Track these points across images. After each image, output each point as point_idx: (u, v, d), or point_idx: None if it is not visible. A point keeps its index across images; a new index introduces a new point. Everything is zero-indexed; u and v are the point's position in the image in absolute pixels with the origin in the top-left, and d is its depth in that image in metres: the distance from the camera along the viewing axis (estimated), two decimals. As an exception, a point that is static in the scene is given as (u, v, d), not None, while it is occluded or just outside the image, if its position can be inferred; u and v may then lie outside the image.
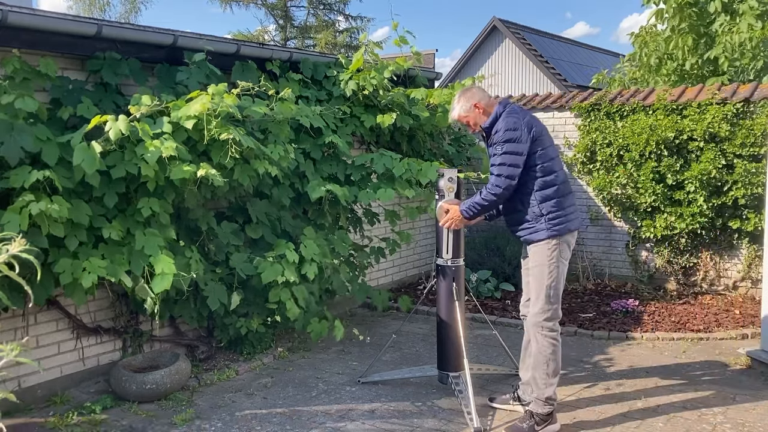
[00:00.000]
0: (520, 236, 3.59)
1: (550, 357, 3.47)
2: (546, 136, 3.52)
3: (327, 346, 5.08)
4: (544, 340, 3.47)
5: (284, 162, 4.31)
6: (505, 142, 3.40)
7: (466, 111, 3.60)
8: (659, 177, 6.39)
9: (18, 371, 3.80)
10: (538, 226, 3.46)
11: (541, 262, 3.47)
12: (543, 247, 3.46)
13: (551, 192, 3.46)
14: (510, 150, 3.39)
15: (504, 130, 3.42)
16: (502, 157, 3.41)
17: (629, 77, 10.30)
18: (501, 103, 3.57)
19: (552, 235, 3.43)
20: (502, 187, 3.41)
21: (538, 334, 3.48)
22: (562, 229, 3.45)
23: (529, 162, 3.42)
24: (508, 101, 3.59)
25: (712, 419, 3.67)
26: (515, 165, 3.39)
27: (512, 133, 3.40)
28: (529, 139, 3.40)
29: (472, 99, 3.59)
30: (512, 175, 3.40)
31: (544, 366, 3.47)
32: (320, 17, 21.59)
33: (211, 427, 3.64)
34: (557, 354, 3.50)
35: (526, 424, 3.48)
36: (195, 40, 4.55)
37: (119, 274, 3.57)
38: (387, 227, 6.55)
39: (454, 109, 3.66)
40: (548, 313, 3.47)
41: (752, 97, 6.13)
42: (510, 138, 3.39)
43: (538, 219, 3.45)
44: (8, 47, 3.66)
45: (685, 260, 6.50)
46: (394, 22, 5.83)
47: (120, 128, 3.41)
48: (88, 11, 21.61)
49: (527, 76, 18.40)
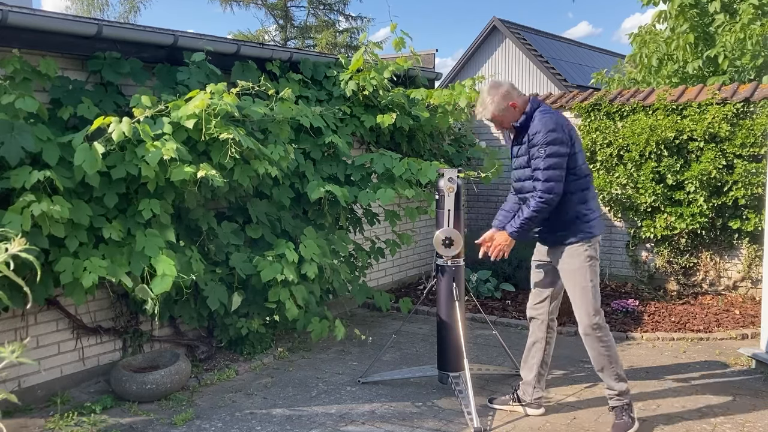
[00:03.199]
0: (551, 240, 3.50)
1: (612, 355, 3.46)
2: (577, 137, 3.43)
3: (327, 346, 5.08)
4: (598, 343, 3.44)
5: (284, 162, 4.31)
6: (548, 144, 3.24)
7: (502, 111, 3.43)
8: (659, 177, 6.39)
9: (18, 371, 3.80)
10: (576, 228, 3.40)
11: (580, 264, 3.41)
12: (579, 249, 3.41)
13: (587, 195, 3.41)
14: (553, 152, 3.25)
15: (546, 132, 3.26)
16: (547, 160, 3.24)
17: (628, 77, 10.30)
18: (531, 100, 3.43)
19: (587, 237, 3.41)
20: (553, 193, 3.27)
21: (594, 341, 3.44)
22: (596, 231, 3.44)
23: (569, 164, 3.31)
24: (536, 98, 3.47)
25: (712, 419, 3.67)
26: (561, 168, 3.26)
27: (554, 134, 3.25)
28: (567, 139, 3.30)
29: (508, 98, 3.40)
30: (560, 178, 3.26)
31: (610, 365, 3.46)
32: (320, 17, 21.59)
33: (211, 427, 3.64)
34: (612, 348, 3.46)
35: (624, 420, 3.46)
36: (195, 40, 4.55)
37: (119, 274, 3.57)
38: (387, 228, 6.55)
39: (486, 107, 3.44)
40: (597, 315, 3.44)
41: (752, 97, 6.13)
42: (554, 139, 3.25)
43: (575, 222, 3.39)
44: (8, 47, 3.66)
45: (685, 260, 6.50)
46: (393, 24, 5.83)
47: (123, 130, 3.41)
48: (87, 11, 21.59)
49: (527, 76, 18.40)
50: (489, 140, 7.58)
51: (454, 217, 3.92)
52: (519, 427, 3.60)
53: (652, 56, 9.60)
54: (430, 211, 5.30)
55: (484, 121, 3.68)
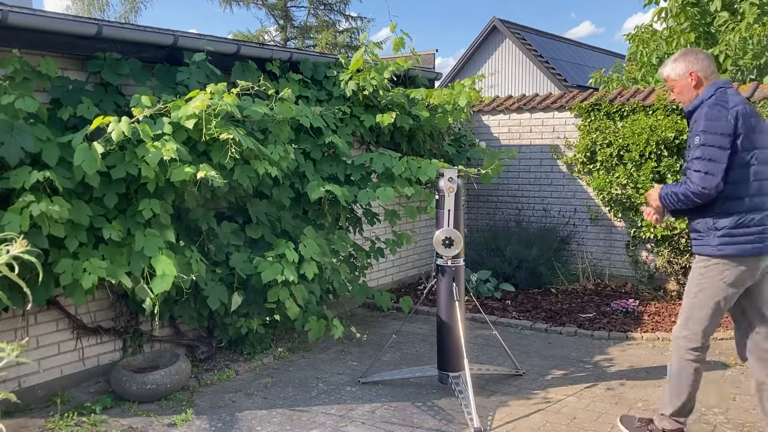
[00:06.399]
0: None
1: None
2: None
3: (327, 346, 5.08)
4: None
5: (284, 162, 4.31)
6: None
7: (677, 76, 3.23)
8: (659, 177, 6.38)
9: (18, 371, 3.80)
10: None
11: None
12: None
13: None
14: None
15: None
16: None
17: (627, 77, 10.29)
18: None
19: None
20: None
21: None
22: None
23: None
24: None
25: (712, 419, 3.67)
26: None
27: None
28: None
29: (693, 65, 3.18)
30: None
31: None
32: (320, 17, 21.57)
33: (211, 427, 3.64)
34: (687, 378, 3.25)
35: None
36: (195, 40, 4.55)
37: (119, 275, 3.57)
38: (387, 228, 6.55)
39: (666, 65, 3.31)
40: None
41: (752, 97, 6.13)
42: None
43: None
44: (8, 47, 3.66)
45: (685, 260, 6.49)
46: (393, 24, 5.82)
47: (122, 130, 3.41)
48: (87, 11, 21.58)
49: (527, 76, 18.40)
50: (489, 140, 7.58)
51: (454, 217, 3.92)
52: (519, 427, 3.60)
53: (651, 54, 9.59)
54: (430, 210, 5.30)
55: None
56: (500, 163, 6.56)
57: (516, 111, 7.52)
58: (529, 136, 7.46)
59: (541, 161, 7.39)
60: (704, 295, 3.13)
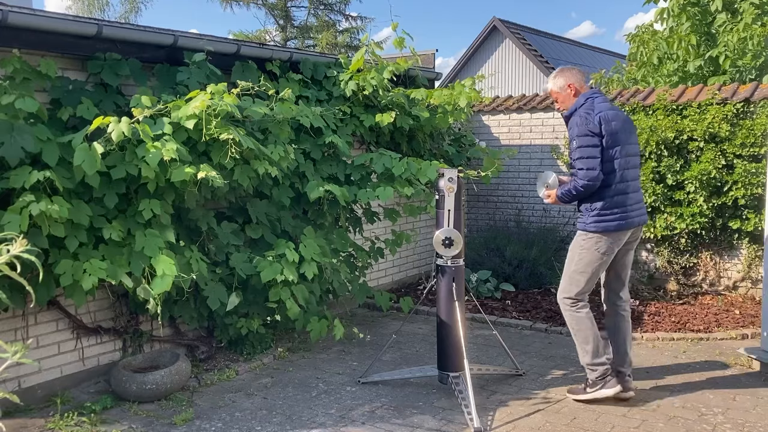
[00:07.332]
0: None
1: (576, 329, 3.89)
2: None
3: (327, 346, 5.08)
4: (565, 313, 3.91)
5: (284, 162, 4.31)
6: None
7: (559, 89, 3.89)
8: (659, 177, 6.39)
9: (18, 371, 3.80)
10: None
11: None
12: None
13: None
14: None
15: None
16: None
17: (627, 77, 10.29)
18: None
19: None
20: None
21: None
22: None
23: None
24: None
25: (712, 419, 3.67)
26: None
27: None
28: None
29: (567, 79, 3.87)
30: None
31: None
32: (321, 17, 21.55)
33: (211, 427, 3.64)
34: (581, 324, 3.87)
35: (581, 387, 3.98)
36: (195, 40, 4.55)
37: (119, 275, 3.57)
38: (387, 228, 6.55)
39: (548, 81, 4.00)
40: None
41: (752, 97, 6.14)
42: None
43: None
44: (8, 47, 3.66)
45: (685, 260, 6.50)
46: (394, 23, 5.83)
47: (122, 130, 3.41)
48: (87, 11, 21.58)
49: (527, 76, 18.40)
50: (489, 140, 7.58)
51: (454, 217, 3.92)
52: (519, 427, 3.61)
53: (652, 54, 9.59)
54: (429, 208, 5.30)
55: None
56: (500, 163, 6.56)
57: (516, 111, 7.53)
58: (529, 136, 7.46)
59: (541, 161, 7.39)
60: (584, 263, 3.79)
